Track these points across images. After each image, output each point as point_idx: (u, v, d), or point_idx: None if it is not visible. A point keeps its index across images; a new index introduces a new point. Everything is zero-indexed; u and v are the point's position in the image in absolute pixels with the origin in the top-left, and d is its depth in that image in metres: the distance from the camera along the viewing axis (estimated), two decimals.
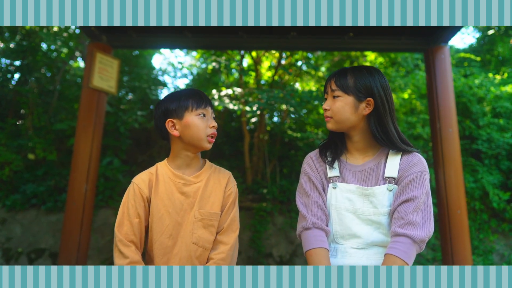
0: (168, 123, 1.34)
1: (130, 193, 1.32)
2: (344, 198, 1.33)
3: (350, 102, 1.32)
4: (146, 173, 1.37)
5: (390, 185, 1.29)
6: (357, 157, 1.39)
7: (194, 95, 1.36)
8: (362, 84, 1.31)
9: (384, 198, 1.28)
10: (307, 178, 1.40)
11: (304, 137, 5.56)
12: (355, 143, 1.39)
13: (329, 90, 1.37)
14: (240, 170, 5.60)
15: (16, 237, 4.64)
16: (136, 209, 1.29)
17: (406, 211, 1.20)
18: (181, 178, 1.35)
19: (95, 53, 2.96)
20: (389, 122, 1.31)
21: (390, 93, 1.34)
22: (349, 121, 1.33)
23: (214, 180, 1.39)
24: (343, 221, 1.31)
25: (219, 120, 6.21)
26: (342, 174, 1.37)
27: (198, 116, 1.33)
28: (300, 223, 1.35)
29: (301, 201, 1.39)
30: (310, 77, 6.58)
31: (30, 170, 5.08)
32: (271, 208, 4.90)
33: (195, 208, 1.32)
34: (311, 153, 1.49)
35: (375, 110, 1.31)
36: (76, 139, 2.94)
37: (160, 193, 1.32)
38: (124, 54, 6.49)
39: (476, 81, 6.02)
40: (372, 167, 1.35)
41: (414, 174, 1.26)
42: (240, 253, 4.68)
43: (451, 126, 2.91)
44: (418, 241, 1.17)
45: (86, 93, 2.98)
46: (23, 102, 5.48)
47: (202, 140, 1.33)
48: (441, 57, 3.04)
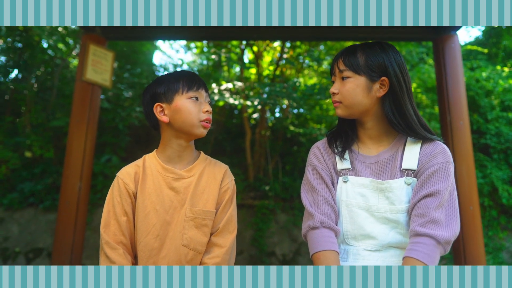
0: (156, 107, 1.20)
1: (114, 188, 1.18)
2: (356, 193, 1.18)
3: (361, 83, 1.16)
4: (132, 166, 1.23)
5: (409, 178, 1.14)
6: (371, 146, 1.24)
7: (184, 76, 1.21)
8: (375, 62, 1.16)
9: (402, 193, 1.13)
10: (314, 171, 1.25)
11: (307, 132, 5.43)
12: (368, 131, 1.23)
13: (336, 71, 1.22)
14: (241, 167, 5.49)
15: (14, 236, 4.55)
16: (122, 206, 1.16)
17: (428, 208, 1.05)
18: (171, 172, 1.20)
19: (88, 45, 2.83)
20: (407, 105, 1.16)
21: (406, 72, 1.18)
22: (361, 105, 1.17)
23: (208, 174, 1.24)
24: (355, 219, 1.16)
25: (220, 116, 6.09)
26: (354, 166, 1.22)
27: (189, 99, 1.18)
28: (306, 221, 1.19)
29: (307, 196, 1.23)
30: (312, 72, 6.44)
31: (27, 168, 4.98)
32: (274, 206, 4.78)
33: (186, 206, 1.17)
34: (318, 142, 1.33)
35: (390, 91, 1.16)
36: (69, 135, 2.82)
37: (147, 188, 1.18)
38: (123, 51, 6.38)
39: (483, 74, 5.86)
40: (388, 158, 1.19)
41: (437, 165, 1.11)
42: (242, 252, 4.57)
43: (462, 119, 2.77)
44: (442, 242, 1.02)
45: (79, 86, 2.85)
46: (21, 100, 5.37)
47: (195, 126, 1.18)
48: (451, 46, 2.90)
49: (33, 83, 5.89)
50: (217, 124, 6.07)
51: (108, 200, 1.18)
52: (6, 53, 5.64)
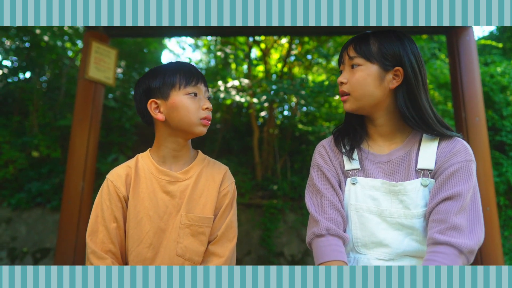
0: (150, 104, 1.09)
1: (103, 192, 1.08)
2: (366, 196, 1.07)
3: (373, 72, 1.05)
4: (123, 167, 1.12)
5: (425, 179, 1.02)
6: (382, 144, 1.13)
7: (182, 69, 1.10)
8: (390, 50, 1.05)
9: (418, 195, 1.01)
10: (319, 172, 1.14)
11: (316, 130, 5.32)
12: (379, 127, 1.12)
13: (346, 58, 1.11)
14: (249, 166, 5.41)
15: (21, 236, 4.55)
16: (112, 211, 1.05)
17: (448, 212, 0.93)
18: (166, 174, 1.10)
19: (90, 43, 2.78)
20: (423, 98, 1.05)
21: (423, 64, 1.07)
22: (372, 96, 1.06)
23: (206, 176, 1.14)
24: (366, 225, 1.05)
25: (227, 114, 6.02)
26: (364, 166, 1.11)
27: (187, 95, 1.08)
28: (311, 228, 1.08)
29: (312, 200, 1.13)
30: (321, 69, 6.32)
31: (34, 168, 4.98)
32: (282, 205, 4.69)
33: (182, 212, 1.07)
34: (323, 140, 1.22)
35: (405, 83, 1.05)
36: (72, 134, 2.77)
37: (140, 192, 1.08)
38: (130, 50, 6.34)
39: (498, 69, 5.68)
40: (401, 156, 1.08)
41: (457, 164, 0.99)
42: (249, 252, 4.49)
43: (477, 115, 2.64)
44: (465, 252, 0.90)
45: (81, 85, 2.80)
46: (28, 99, 5.37)
47: (194, 125, 1.08)
48: (465, 39, 2.77)
49: (42, 82, 5.90)
50: (225, 123, 6.00)
51: (96, 204, 1.08)
52: (14, 53, 5.64)
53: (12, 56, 5.69)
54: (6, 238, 4.52)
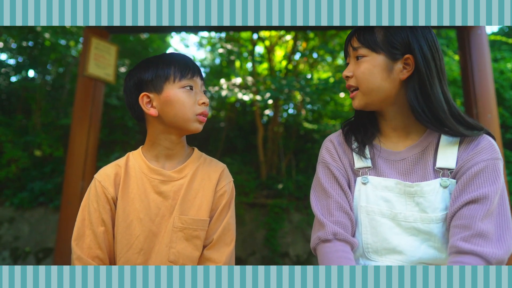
0: (142, 98, 1.01)
1: (91, 193, 1.01)
2: (378, 197, 0.97)
3: (380, 63, 0.95)
4: (112, 166, 1.04)
5: (445, 179, 0.92)
6: (395, 140, 1.02)
7: (176, 60, 1.02)
8: (397, 37, 0.95)
9: (437, 198, 0.91)
10: (326, 170, 1.04)
11: (321, 129, 5.22)
12: (390, 122, 1.02)
13: (350, 50, 1.01)
14: (254, 165, 5.33)
15: (24, 236, 4.52)
16: (100, 214, 0.98)
17: (473, 217, 0.83)
18: (159, 173, 1.02)
19: (90, 39, 2.72)
20: (436, 89, 0.93)
21: (438, 50, 0.96)
22: (380, 90, 0.95)
23: (202, 175, 1.06)
24: (378, 229, 0.95)
25: (231, 113, 5.94)
26: (376, 164, 1.01)
27: (182, 88, 1.00)
28: (316, 232, 0.99)
29: (318, 201, 1.03)
30: (327, 66, 6.22)
31: (37, 167, 4.95)
32: (287, 205, 4.61)
33: (175, 214, 0.99)
34: (331, 135, 1.12)
35: (416, 73, 0.94)
36: (71, 132, 2.72)
37: (130, 193, 1.00)
38: (133, 48, 6.29)
39: (508, 65, 5.55)
40: (418, 154, 0.98)
41: (482, 163, 0.89)
42: (254, 253, 4.42)
43: (490, 111, 2.54)
44: (493, 262, 0.80)
45: (81, 82, 2.74)
46: (31, 98, 5.35)
47: (189, 121, 1.00)
48: (477, 33, 2.66)
49: (47, 81, 5.87)
50: (229, 121, 5.93)
51: (83, 207, 1.00)
52: (17, 52, 5.62)
53: (15, 54, 5.66)
54: (8, 238, 4.50)
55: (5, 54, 5.68)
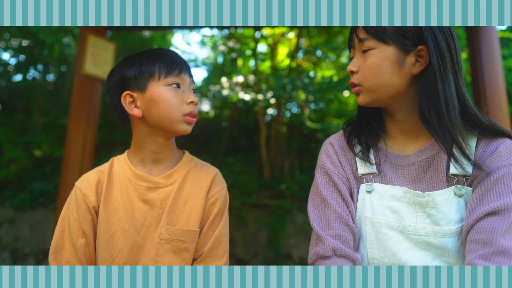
0: (125, 97, 0.93)
1: (71, 202, 0.93)
2: (385, 207, 0.87)
3: (390, 55, 0.84)
4: (94, 172, 0.96)
5: (460, 187, 0.82)
6: (403, 142, 0.92)
7: (162, 56, 0.94)
8: (409, 26, 0.84)
9: (451, 209, 0.81)
10: (326, 176, 0.94)
11: (325, 128, 5.12)
12: (400, 122, 0.91)
13: (355, 42, 0.90)
14: (256, 165, 5.25)
15: (24, 237, 4.47)
16: (80, 225, 0.90)
17: (494, 232, 0.73)
18: (145, 179, 0.94)
19: (87, 36, 2.64)
20: (449, 86, 0.82)
21: (455, 42, 0.86)
22: (390, 85, 0.85)
23: (192, 181, 0.97)
24: (385, 243, 0.85)
25: (234, 112, 5.86)
26: (382, 169, 0.91)
27: (168, 86, 0.92)
28: (314, 247, 0.89)
29: (316, 211, 0.92)
30: (330, 65, 6.12)
31: (37, 168, 4.90)
32: (290, 206, 4.52)
33: (162, 224, 0.91)
34: (331, 137, 1.02)
35: (429, 67, 0.83)
36: (68, 132, 2.64)
37: (113, 202, 0.92)
38: (134, 47, 6.23)
39: None
40: (429, 159, 0.87)
41: (502, 169, 0.78)
42: (257, 254, 4.34)
43: (500, 109, 2.44)
44: None
45: (78, 81, 2.67)
46: (31, 97, 5.30)
47: (176, 122, 0.92)
48: (486, 29, 2.56)
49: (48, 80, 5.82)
50: (232, 121, 5.85)
51: (62, 217, 0.93)
52: (18, 52, 5.57)
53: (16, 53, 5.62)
54: (8, 239, 4.45)
55: (8, 53, 5.65)
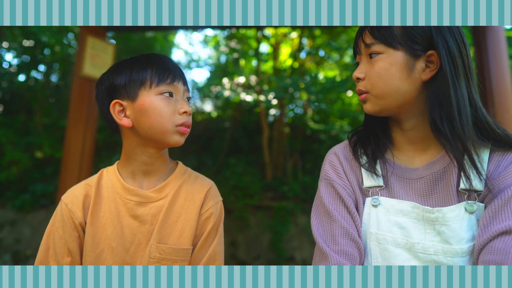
0: (113, 106, 0.88)
1: (57, 218, 0.88)
2: (391, 223, 0.82)
3: (398, 61, 0.80)
4: (81, 186, 0.91)
5: (471, 203, 0.76)
6: (411, 154, 0.87)
7: (154, 62, 0.89)
8: (418, 30, 0.80)
9: (462, 226, 0.76)
10: (330, 188, 0.89)
11: (328, 129, 5.07)
12: (408, 132, 0.86)
13: (362, 47, 0.86)
14: (259, 166, 5.21)
15: (25, 239, 4.45)
16: (65, 242, 0.85)
17: (508, 252, 0.67)
18: (135, 194, 0.88)
19: (86, 37, 2.61)
20: (461, 93, 0.77)
21: (466, 47, 0.81)
22: (398, 93, 0.80)
23: (185, 195, 0.92)
24: (391, 262, 0.80)
25: (236, 112, 5.82)
26: (388, 182, 0.86)
27: (160, 95, 0.87)
28: (317, 263, 0.84)
29: (320, 225, 0.88)
30: (333, 65, 6.06)
31: (38, 169, 4.88)
32: (293, 207, 4.48)
33: (153, 242, 0.86)
34: (336, 147, 0.97)
35: (440, 73, 0.78)
36: (67, 134, 2.61)
37: (102, 218, 0.87)
38: (137, 48, 6.20)
39: None
40: (439, 172, 0.82)
41: None
42: (259, 257, 4.30)
43: (508, 111, 2.38)
44: None
45: (77, 82, 2.64)
46: (33, 98, 5.29)
47: (168, 133, 0.87)
48: (493, 28, 2.50)
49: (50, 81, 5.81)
50: (234, 121, 5.81)
51: (47, 234, 0.88)
52: (20, 52, 5.56)
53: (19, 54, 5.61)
54: (10, 241, 4.43)
55: (11, 54, 5.64)
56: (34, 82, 5.69)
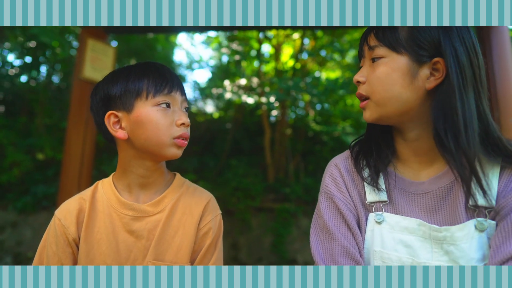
0: (108, 117, 0.85)
1: (50, 233, 0.85)
2: (396, 241, 0.77)
3: (401, 66, 0.76)
4: (75, 200, 0.88)
5: (482, 220, 0.72)
6: (416, 167, 0.82)
7: (151, 72, 0.86)
8: (426, 35, 0.75)
9: (472, 245, 0.71)
10: (330, 203, 0.85)
11: (330, 130, 5.04)
12: (411, 143, 0.82)
13: (365, 49, 0.82)
14: (260, 167, 5.19)
15: (27, 241, 4.45)
16: (59, 259, 0.83)
17: None
18: (130, 208, 0.85)
19: (86, 40, 2.59)
20: (468, 105, 0.72)
21: (478, 56, 0.76)
22: (400, 100, 0.76)
23: (183, 209, 0.89)
24: None
25: (238, 113, 5.80)
26: (393, 197, 0.82)
27: (157, 106, 0.84)
28: None
29: (319, 243, 0.83)
30: (336, 65, 6.03)
31: (40, 171, 4.87)
32: (295, 209, 4.45)
33: (149, 258, 0.83)
34: (337, 158, 0.92)
35: (446, 82, 0.74)
36: (67, 137, 2.60)
37: (96, 233, 0.84)
38: (139, 49, 6.19)
39: None
40: (446, 187, 0.77)
41: None
42: (261, 259, 4.28)
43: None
44: None
45: (77, 85, 2.62)
46: (34, 100, 5.28)
47: (165, 146, 0.83)
48: (498, 29, 2.47)
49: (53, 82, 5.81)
50: (235, 122, 5.79)
51: (40, 249, 0.85)
52: (21, 54, 5.56)
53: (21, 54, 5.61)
54: (11, 243, 4.43)
55: (12, 55, 5.64)
56: (36, 84, 5.68)
